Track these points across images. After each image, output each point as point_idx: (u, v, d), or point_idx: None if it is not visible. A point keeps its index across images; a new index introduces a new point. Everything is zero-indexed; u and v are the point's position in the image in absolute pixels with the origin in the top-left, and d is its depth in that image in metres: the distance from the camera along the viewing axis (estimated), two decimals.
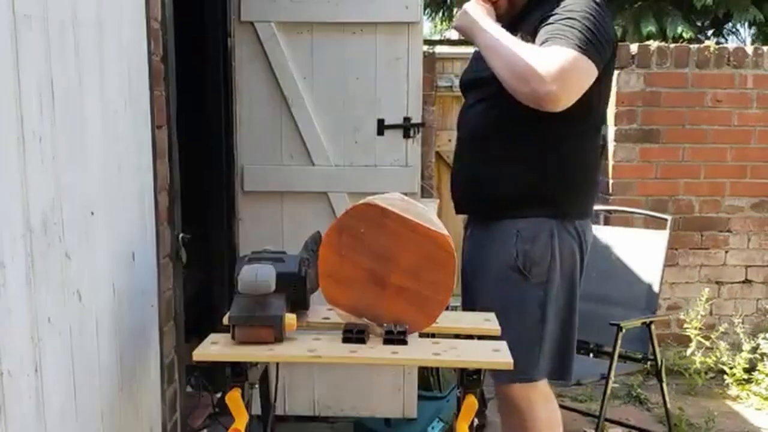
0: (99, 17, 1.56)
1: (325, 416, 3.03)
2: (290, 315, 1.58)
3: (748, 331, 3.89)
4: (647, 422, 3.32)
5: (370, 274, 1.61)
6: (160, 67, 1.97)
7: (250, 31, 2.84)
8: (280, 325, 1.56)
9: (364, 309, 1.62)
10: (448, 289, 1.59)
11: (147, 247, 1.88)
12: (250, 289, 1.55)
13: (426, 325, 1.62)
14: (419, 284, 1.59)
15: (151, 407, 1.92)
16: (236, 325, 1.56)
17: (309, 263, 1.70)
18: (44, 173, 1.31)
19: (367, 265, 1.61)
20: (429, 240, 1.57)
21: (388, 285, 1.61)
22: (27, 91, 1.24)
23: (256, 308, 1.55)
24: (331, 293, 1.64)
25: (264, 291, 1.55)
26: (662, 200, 4.02)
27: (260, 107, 2.89)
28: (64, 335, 1.39)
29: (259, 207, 2.92)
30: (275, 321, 1.55)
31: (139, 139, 1.81)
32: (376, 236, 1.60)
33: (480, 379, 1.52)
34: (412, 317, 1.61)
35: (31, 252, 1.25)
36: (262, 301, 1.56)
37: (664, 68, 3.97)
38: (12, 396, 1.19)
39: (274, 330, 1.55)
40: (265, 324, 1.55)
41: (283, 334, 1.57)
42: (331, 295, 1.64)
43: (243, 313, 1.55)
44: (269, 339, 1.56)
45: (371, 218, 1.60)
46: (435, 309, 1.61)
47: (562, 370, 2.01)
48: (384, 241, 1.60)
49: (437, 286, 1.59)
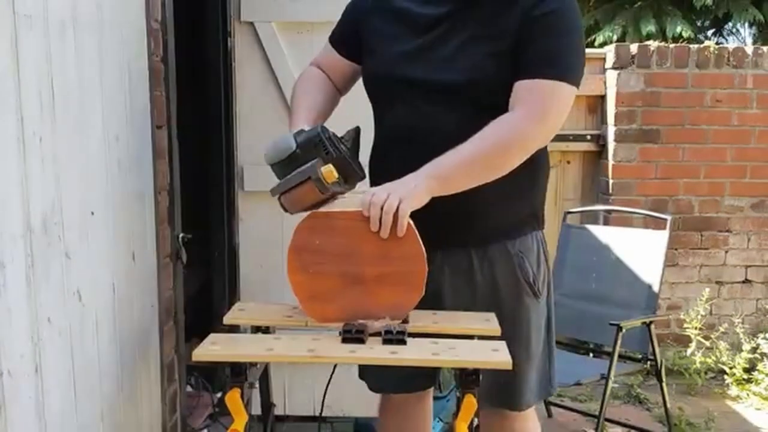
0: (99, 17, 1.56)
1: (325, 416, 3.03)
2: (327, 166, 1.54)
3: (748, 331, 3.89)
4: (647, 422, 3.33)
5: (345, 277, 1.61)
6: (160, 67, 1.98)
7: (250, 31, 2.83)
8: (317, 176, 1.53)
9: (354, 312, 1.62)
10: (420, 257, 1.58)
11: (147, 247, 1.88)
12: (274, 154, 1.57)
13: (416, 299, 1.62)
14: (392, 264, 1.59)
15: (151, 407, 1.92)
16: (279, 195, 1.57)
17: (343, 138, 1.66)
18: (44, 173, 1.31)
19: (338, 271, 1.61)
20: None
21: (365, 278, 1.61)
22: (27, 91, 1.24)
23: (289, 171, 1.56)
24: (318, 313, 1.65)
25: (287, 152, 1.55)
26: (662, 200, 4.02)
27: (260, 107, 2.88)
28: (64, 335, 1.39)
29: (259, 207, 2.92)
30: (311, 172, 1.53)
31: (139, 139, 1.82)
32: (332, 241, 1.60)
33: (479, 379, 1.52)
34: (401, 297, 1.61)
35: (31, 252, 1.25)
36: (294, 164, 1.55)
37: (664, 68, 3.97)
38: (12, 396, 1.19)
39: (313, 182, 1.53)
40: (302, 180, 1.53)
41: (326, 186, 1.54)
42: (318, 314, 1.65)
43: (279, 180, 1.57)
44: (315, 195, 1.55)
45: (319, 227, 1.60)
46: (418, 279, 1.60)
47: (552, 382, 1.96)
48: (341, 242, 1.59)
49: (409, 258, 1.58)
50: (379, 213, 1.53)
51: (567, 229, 3.38)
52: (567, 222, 3.41)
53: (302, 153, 1.57)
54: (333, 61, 1.94)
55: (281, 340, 1.59)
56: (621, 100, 3.98)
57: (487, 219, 1.76)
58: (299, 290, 1.65)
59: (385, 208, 1.52)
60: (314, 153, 1.57)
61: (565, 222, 3.41)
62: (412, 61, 1.74)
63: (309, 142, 1.58)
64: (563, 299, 3.25)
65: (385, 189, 1.56)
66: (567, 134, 4.16)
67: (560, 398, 3.52)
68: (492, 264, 1.79)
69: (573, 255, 3.31)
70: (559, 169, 4.22)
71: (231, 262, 2.99)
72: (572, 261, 3.31)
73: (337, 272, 1.61)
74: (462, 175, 1.62)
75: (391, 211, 1.52)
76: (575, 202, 4.19)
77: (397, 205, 1.53)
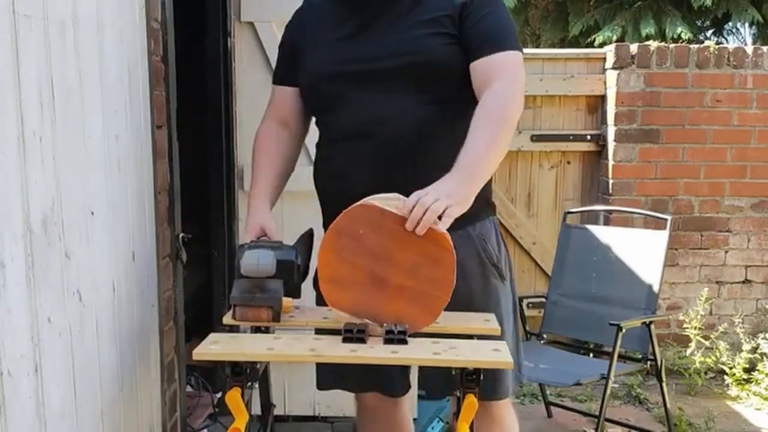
0: (99, 17, 1.56)
1: (325, 416, 3.03)
2: (287, 298, 1.69)
3: (747, 331, 3.89)
4: (647, 422, 3.33)
5: (371, 275, 1.61)
6: (160, 67, 1.97)
7: (250, 31, 2.83)
8: (278, 306, 1.66)
9: (365, 310, 1.62)
10: (448, 286, 1.59)
11: (147, 247, 1.88)
12: (252, 272, 1.66)
13: (427, 323, 1.62)
14: (419, 282, 1.59)
15: (151, 407, 1.92)
16: (237, 305, 1.67)
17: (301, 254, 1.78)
18: (44, 173, 1.31)
19: (368, 266, 1.61)
20: (427, 238, 1.56)
21: (389, 285, 1.60)
22: (27, 91, 1.24)
23: (256, 290, 1.67)
24: (333, 296, 1.64)
25: (265, 274, 1.66)
26: (662, 200, 4.02)
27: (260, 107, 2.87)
28: (64, 335, 1.39)
29: None
30: (274, 302, 1.66)
31: (139, 139, 1.81)
32: (375, 237, 1.60)
33: (480, 378, 1.52)
34: (413, 315, 1.61)
35: (31, 252, 1.25)
36: (262, 284, 1.67)
37: (664, 68, 3.97)
38: (12, 396, 1.19)
39: (272, 311, 1.66)
40: (265, 304, 1.66)
41: (280, 315, 1.68)
42: (332, 297, 1.64)
43: (244, 294, 1.67)
44: (267, 319, 1.67)
45: (369, 219, 1.60)
46: (436, 306, 1.61)
47: (521, 369, 1.97)
48: (383, 242, 1.59)
49: (437, 283, 1.59)
50: (421, 214, 1.51)
51: (567, 229, 3.38)
52: (567, 222, 3.41)
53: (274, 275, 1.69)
54: (284, 99, 1.94)
55: (281, 339, 1.59)
56: (621, 100, 3.98)
57: None
58: (324, 268, 1.64)
59: (432, 208, 1.51)
60: (281, 274, 1.68)
61: (565, 222, 3.41)
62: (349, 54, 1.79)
63: (283, 266, 1.69)
64: (563, 299, 3.26)
65: (434, 192, 1.54)
66: (567, 134, 4.16)
67: (560, 398, 3.52)
68: (457, 249, 1.72)
69: (573, 255, 3.31)
70: (559, 169, 4.23)
71: (231, 262, 2.99)
72: (572, 261, 3.31)
73: (367, 268, 1.61)
74: (490, 164, 1.67)
75: (438, 211, 1.51)
76: (575, 202, 4.19)
77: (444, 208, 1.52)
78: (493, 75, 1.70)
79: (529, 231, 4.22)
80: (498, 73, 1.70)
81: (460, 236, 1.76)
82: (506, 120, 1.68)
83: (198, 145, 2.90)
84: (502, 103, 1.68)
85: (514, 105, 1.70)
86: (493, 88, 1.68)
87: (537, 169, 4.22)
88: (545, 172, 4.23)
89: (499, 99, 1.67)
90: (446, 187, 1.56)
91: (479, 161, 1.63)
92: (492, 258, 1.83)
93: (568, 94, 4.14)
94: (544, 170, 4.23)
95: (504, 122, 1.67)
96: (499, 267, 1.85)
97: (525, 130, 4.12)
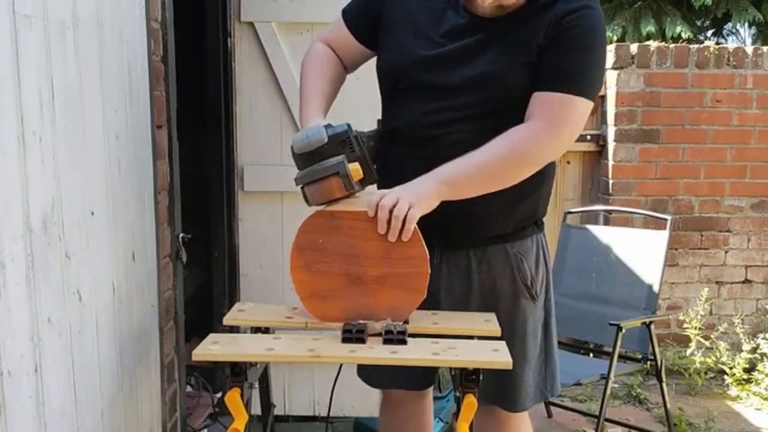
0: (99, 17, 1.56)
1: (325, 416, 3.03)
2: (354, 164, 1.58)
3: (747, 331, 3.89)
4: (647, 422, 3.33)
5: (347, 276, 1.61)
6: (160, 67, 1.97)
7: (250, 31, 2.83)
8: (345, 172, 1.55)
9: (356, 312, 1.62)
10: (423, 259, 1.59)
11: (147, 247, 1.88)
12: (304, 146, 1.57)
13: (418, 301, 1.62)
14: (395, 265, 1.59)
15: (151, 407, 1.92)
16: (304, 185, 1.58)
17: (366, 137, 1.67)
18: (44, 173, 1.31)
19: (341, 270, 1.61)
20: None
21: (367, 279, 1.61)
22: (27, 92, 1.24)
23: (317, 164, 1.57)
24: (320, 311, 1.65)
25: (318, 144, 1.57)
26: (662, 200, 4.02)
27: (260, 107, 2.88)
28: (64, 335, 1.39)
29: (259, 207, 2.92)
30: (339, 167, 1.55)
31: (139, 139, 1.81)
32: (336, 240, 1.60)
33: (479, 379, 1.52)
34: (402, 299, 1.61)
35: (31, 252, 1.25)
36: (321, 158, 1.57)
37: (664, 68, 3.97)
38: (12, 396, 1.19)
39: (340, 178, 1.56)
40: (331, 173, 1.56)
41: (352, 184, 1.57)
42: (319, 312, 1.65)
43: (306, 171, 1.58)
44: (340, 190, 1.57)
45: (324, 226, 1.61)
46: (419, 282, 1.61)
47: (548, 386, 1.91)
48: (345, 241, 1.60)
49: (412, 260, 1.59)
50: (387, 216, 1.53)
51: (567, 230, 3.38)
52: (567, 222, 3.41)
53: (329, 148, 1.59)
54: (343, 41, 1.87)
55: (281, 340, 1.58)
56: (621, 100, 3.98)
57: (491, 225, 1.75)
58: (301, 288, 1.65)
59: (394, 213, 1.52)
60: (340, 150, 1.59)
61: (565, 222, 3.41)
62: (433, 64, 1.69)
63: (337, 138, 1.60)
64: (563, 299, 3.25)
65: (395, 192, 1.55)
66: None
67: (560, 398, 3.52)
68: (490, 265, 1.77)
69: (573, 255, 3.31)
70: (559, 169, 4.22)
71: (231, 262, 2.99)
72: (572, 261, 3.31)
73: (340, 271, 1.62)
74: (473, 183, 1.61)
75: (401, 215, 1.52)
76: (575, 202, 4.20)
77: (407, 210, 1.52)
78: (537, 111, 1.63)
79: None
80: (541, 112, 1.63)
81: (497, 252, 1.77)
82: (514, 161, 1.63)
83: (198, 145, 2.90)
84: (520, 142, 1.62)
85: (534, 152, 1.64)
86: (526, 125, 1.63)
87: None
88: None
89: (519, 138, 1.62)
90: (410, 186, 1.57)
91: (458, 175, 1.60)
92: (526, 278, 1.79)
93: None
94: None
95: (510, 162, 1.63)
96: (532, 288, 1.80)
97: None
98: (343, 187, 1.57)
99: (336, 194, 1.58)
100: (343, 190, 1.57)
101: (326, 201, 1.60)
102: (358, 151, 1.62)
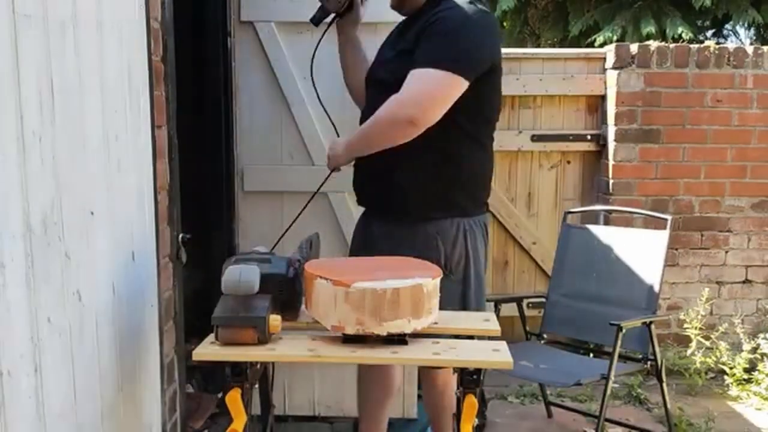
0: (99, 17, 1.56)
1: (325, 416, 3.03)
2: (275, 316, 1.56)
3: (748, 331, 3.89)
4: (647, 422, 3.32)
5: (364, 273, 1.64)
6: (160, 67, 1.97)
7: (250, 31, 2.84)
8: (263, 326, 1.53)
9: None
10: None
11: (147, 247, 1.88)
12: (233, 289, 1.54)
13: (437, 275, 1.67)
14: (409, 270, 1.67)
15: (151, 407, 1.92)
16: (219, 325, 1.54)
17: (299, 265, 1.67)
18: (44, 173, 1.30)
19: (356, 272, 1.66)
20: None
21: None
22: (27, 92, 1.24)
23: (239, 309, 1.54)
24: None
25: (246, 292, 1.53)
26: (662, 200, 4.02)
27: (260, 107, 2.89)
28: (64, 335, 1.39)
29: (259, 207, 2.92)
30: (258, 322, 1.53)
31: (139, 139, 1.81)
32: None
33: (480, 378, 1.52)
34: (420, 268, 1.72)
35: (31, 252, 1.25)
36: (246, 302, 1.54)
37: (664, 68, 3.97)
38: (12, 396, 1.19)
39: (256, 331, 1.53)
40: (248, 325, 1.53)
41: (267, 336, 1.55)
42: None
43: (226, 313, 1.54)
44: (252, 340, 1.54)
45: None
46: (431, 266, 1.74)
47: None
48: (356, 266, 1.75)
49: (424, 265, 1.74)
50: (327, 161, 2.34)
51: (567, 229, 3.38)
52: (567, 222, 3.41)
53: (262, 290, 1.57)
54: None
55: (281, 340, 1.58)
56: (621, 100, 3.98)
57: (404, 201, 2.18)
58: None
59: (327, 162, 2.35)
60: (269, 289, 1.58)
61: (565, 222, 3.40)
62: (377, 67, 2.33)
63: (272, 279, 1.59)
64: (563, 299, 3.26)
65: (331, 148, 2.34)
66: (567, 134, 4.16)
67: (560, 398, 3.52)
68: (414, 239, 2.15)
69: (573, 255, 3.31)
70: (559, 169, 4.23)
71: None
72: (572, 261, 3.31)
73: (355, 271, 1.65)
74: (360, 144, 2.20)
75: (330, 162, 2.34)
76: (575, 202, 4.19)
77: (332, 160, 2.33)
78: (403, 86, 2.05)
79: (529, 231, 4.21)
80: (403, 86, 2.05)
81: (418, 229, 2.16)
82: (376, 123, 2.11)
83: (198, 145, 2.90)
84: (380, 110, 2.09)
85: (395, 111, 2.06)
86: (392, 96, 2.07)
87: (537, 168, 4.21)
88: (545, 172, 4.23)
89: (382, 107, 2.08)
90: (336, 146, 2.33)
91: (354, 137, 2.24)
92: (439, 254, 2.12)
93: (568, 93, 4.13)
94: (544, 170, 4.22)
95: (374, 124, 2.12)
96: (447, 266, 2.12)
97: (525, 130, 4.12)
98: (256, 339, 1.55)
99: (246, 342, 1.55)
100: (256, 341, 1.55)
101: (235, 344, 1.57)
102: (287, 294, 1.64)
